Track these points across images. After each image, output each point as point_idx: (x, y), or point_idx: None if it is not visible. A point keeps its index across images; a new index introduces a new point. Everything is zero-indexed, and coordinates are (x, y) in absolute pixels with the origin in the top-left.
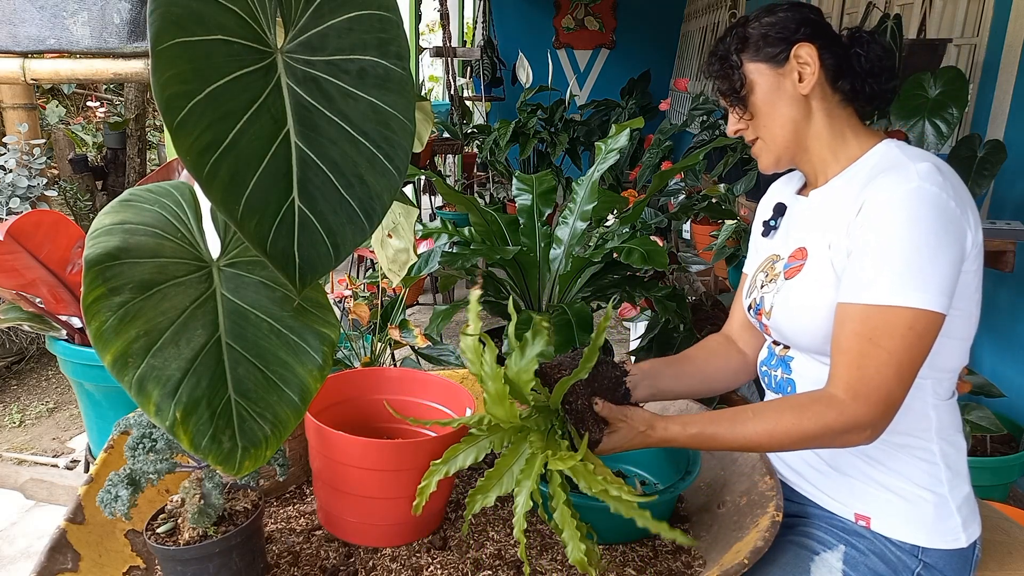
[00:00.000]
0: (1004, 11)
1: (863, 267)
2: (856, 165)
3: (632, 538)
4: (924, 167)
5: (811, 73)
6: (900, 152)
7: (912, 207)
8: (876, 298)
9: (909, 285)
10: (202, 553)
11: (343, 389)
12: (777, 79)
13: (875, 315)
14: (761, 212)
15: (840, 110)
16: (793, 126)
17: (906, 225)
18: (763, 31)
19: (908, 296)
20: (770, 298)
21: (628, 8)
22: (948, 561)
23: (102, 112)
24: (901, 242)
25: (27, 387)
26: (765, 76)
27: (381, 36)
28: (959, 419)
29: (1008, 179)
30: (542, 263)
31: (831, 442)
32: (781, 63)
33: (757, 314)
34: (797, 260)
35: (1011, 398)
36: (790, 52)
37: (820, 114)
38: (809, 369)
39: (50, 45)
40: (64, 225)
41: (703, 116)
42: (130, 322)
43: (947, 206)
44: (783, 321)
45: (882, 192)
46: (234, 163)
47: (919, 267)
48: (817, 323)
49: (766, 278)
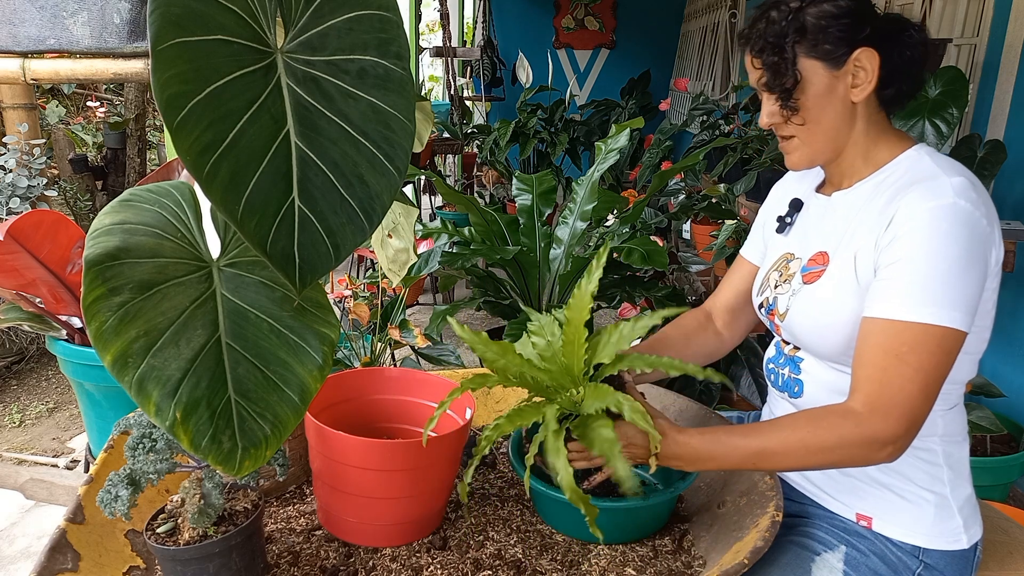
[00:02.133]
0: (1004, 11)
1: (893, 282)
2: (884, 171)
3: (632, 538)
4: (958, 182)
5: (867, 81)
6: (932, 162)
7: (946, 223)
8: (906, 314)
9: (940, 303)
10: (202, 553)
11: (343, 389)
12: (831, 81)
13: (904, 331)
14: (773, 206)
15: (877, 115)
16: (836, 132)
17: (940, 241)
18: (823, 23)
19: (939, 314)
20: (785, 300)
21: (628, 8)
22: (949, 562)
23: (102, 112)
24: (934, 258)
25: (27, 387)
26: (819, 76)
27: (381, 36)
28: (965, 424)
29: (1008, 179)
30: (542, 263)
31: (850, 457)
32: (838, 65)
33: (769, 314)
34: (817, 265)
35: (1011, 398)
36: (851, 55)
37: (861, 121)
38: (820, 372)
39: (50, 45)
40: (64, 225)
41: (703, 116)
42: (130, 322)
43: (979, 224)
44: (800, 327)
45: (915, 205)
46: (234, 163)
47: (951, 285)
48: (837, 334)
49: (780, 278)
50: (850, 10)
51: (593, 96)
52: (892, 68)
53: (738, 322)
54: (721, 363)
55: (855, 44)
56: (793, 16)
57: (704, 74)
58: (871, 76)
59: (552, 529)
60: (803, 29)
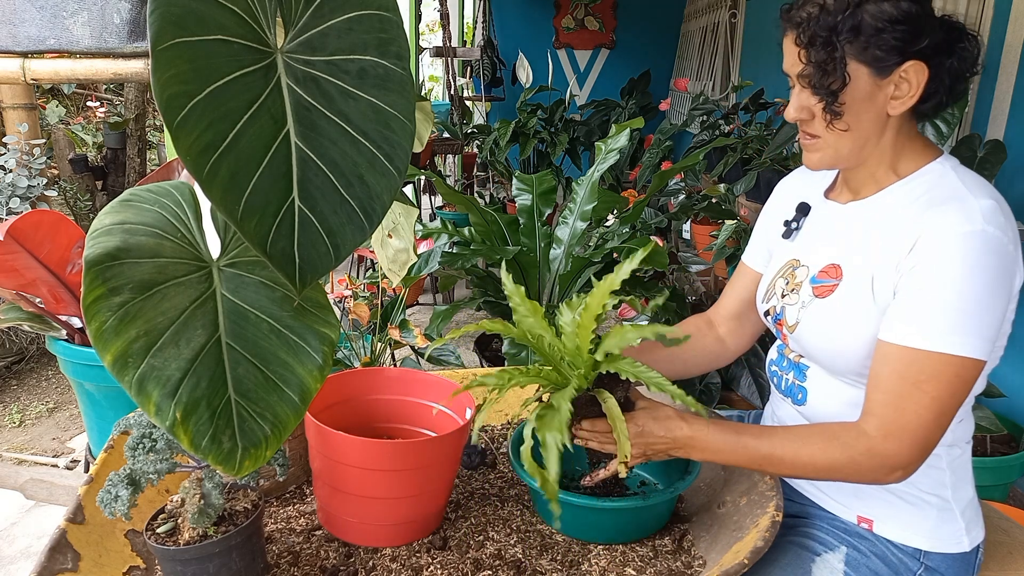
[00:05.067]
0: (1004, 11)
1: (915, 308)
2: (906, 184)
3: (632, 538)
4: (988, 206)
5: (909, 95)
6: (959, 180)
7: (974, 253)
8: (926, 343)
9: (962, 333)
10: (202, 553)
11: (343, 389)
12: (873, 89)
13: (922, 359)
14: (779, 208)
15: (908, 124)
16: (865, 141)
17: (965, 271)
18: (879, 26)
19: (960, 345)
20: (794, 312)
21: (628, 8)
22: (950, 565)
23: (102, 112)
24: (959, 288)
25: (27, 387)
26: (863, 81)
27: (381, 36)
28: (971, 431)
29: (1008, 179)
30: (542, 263)
31: (857, 476)
32: (884, 74)
33: (777, 323)
34: (830, 278)
35: (1011, 398)
36: (900, 66)
37: (891, 131)
38: (826, 382)
39: (50, 45)
40: (64, 225)
41: (703, 116)
42: (130, 322)
43: (1007, 251)
44: (811, 341)
45: (942, 231)
46: (234, 163)
47: (975, 315)
48: (850, 351)
49: (787, 286)
50: (910, 15)
51: (593, 96)
52: (938, 82)
53: (743, 329)
54: None
55: (907, 56)
56: (851, 12)
57: (704, 74)
58: (914, 91)
59: (552, 529)
60: (858, 29)
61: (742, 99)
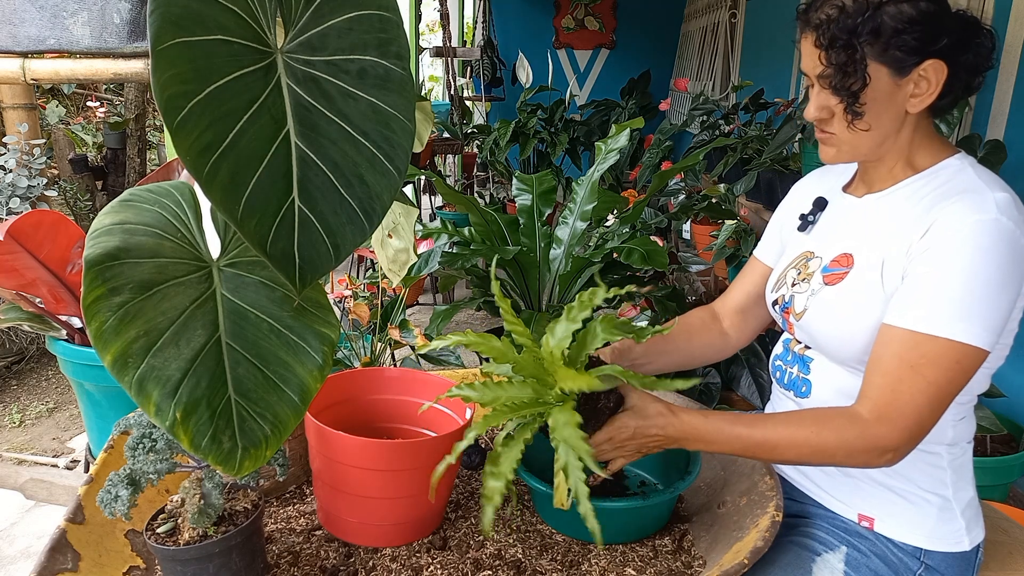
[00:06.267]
0: (1004, 11)
1: (921, 291)
2: (922, 178)
3: (632, 538)
4: (1002, 198)
5: (928, 93)
6: (975, 174)
7: (986, 240)
8: (929, 327)
9: (967, 320)
10: (202, 553)
11: (343, 389)
12: (893, 88)
13: (924, 343)
14: (796, 203)
15: (925, 121)
16: (883, 138)
17: (976, 257)
18: (899, 27)
19: (964, 331)
20: (803, 300)
21: (628, 8)
22: (950, 564)
23: (102, 112)
24: (968, 274)
25: (27, 387)
26: (883, 81)
27: (381, 36)
28: (972, 431)
29: (1008, 179)
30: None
31: (849, 459)
32: (903, 73)
33: (784, 312)
34: (840, 267)
35: (1011, 398)
36: (919, 66)
37: (909, 128)
38: (830, 373)
39: (50, 45)
40: (64, 225)
41: (703, 116)
42: (130, 322)
43: (1019, 243)
44: (817, 329)
45: (956, 217)
46: (234, 163)
47: (981, 302)
48: (855, 338)
49: (798, 276)
50: (929, 15)
51: (593, 96)
52: (956, 78)
53: (747, 323)
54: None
55: (926, 55)
56: (871, 14)
57: (704, 74)
58: (934, 89)
59: (552, 529)
60: (878, 31)
61: (742, 99)
